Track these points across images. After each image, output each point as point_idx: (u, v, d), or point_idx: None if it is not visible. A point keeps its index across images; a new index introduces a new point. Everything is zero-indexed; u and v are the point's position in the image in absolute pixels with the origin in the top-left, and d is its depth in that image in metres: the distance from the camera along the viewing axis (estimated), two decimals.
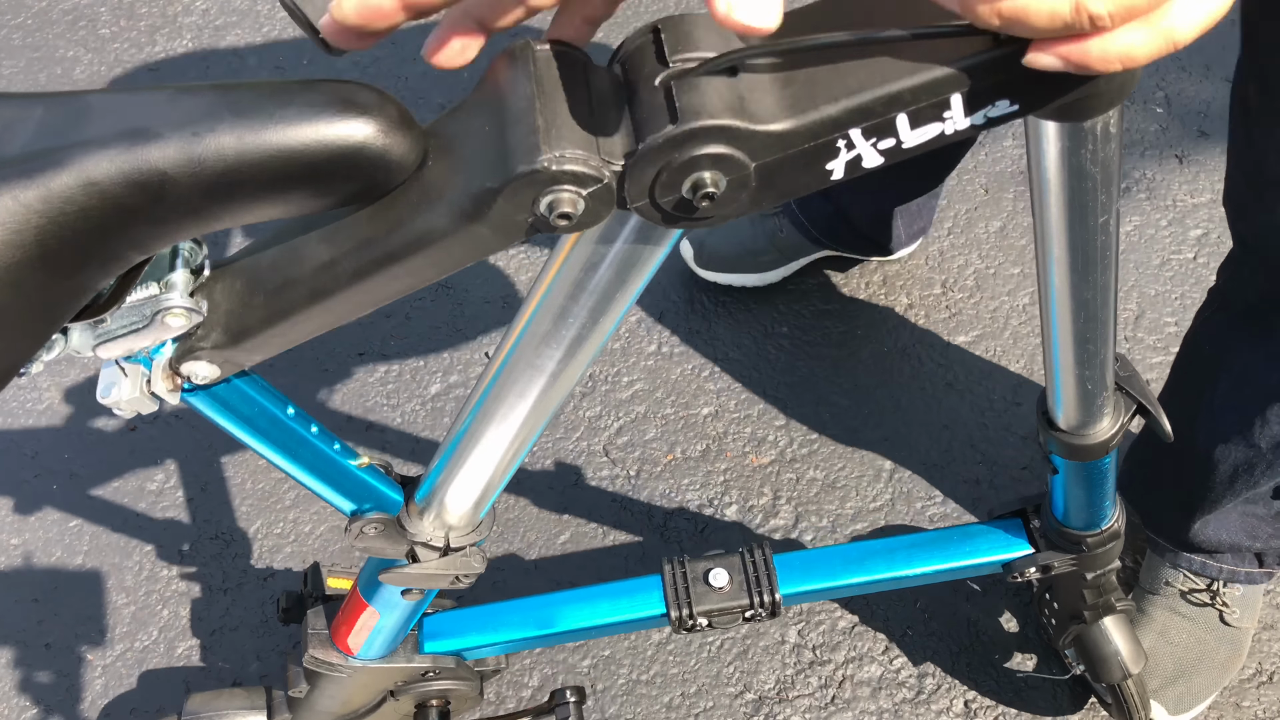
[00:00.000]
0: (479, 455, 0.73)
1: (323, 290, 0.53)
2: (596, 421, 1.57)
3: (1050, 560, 1.01)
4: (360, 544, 0.80)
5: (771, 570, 1.00)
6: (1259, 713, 1.30)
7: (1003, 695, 1.32)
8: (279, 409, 0.69)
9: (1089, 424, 0.84)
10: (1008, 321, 1.62)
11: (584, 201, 0.47)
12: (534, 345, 0.63)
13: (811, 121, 0.45)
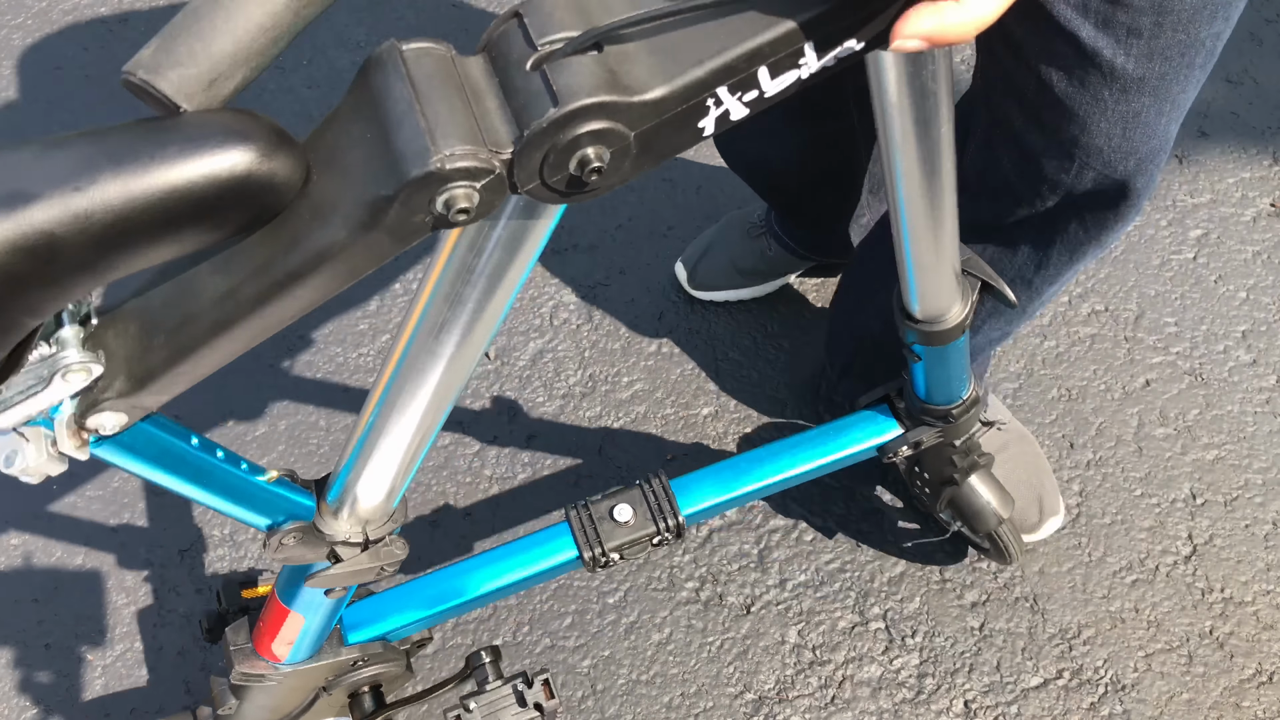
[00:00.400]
0: (387, 447, 0.73)
1: (226, 320, 0.52)
2: (596, 421, 1.57)
3: (920, 436, 1.10)
4: (280, 555, 0.79)
5: (671, 495, 1.05)
6: (1259, 713, 1.30)
7: (1003, 695, 1.32)
8: (184, 442, 0.69)
9: (943, 312, 0.92)
10: None
11: (478, 194, 0.47)
12: (430, 333, 0.63)
13: (683, 85, 0.47)
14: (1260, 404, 1.53)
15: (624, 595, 1.42)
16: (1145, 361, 1.58)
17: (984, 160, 1.01)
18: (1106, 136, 0.90)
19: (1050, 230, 1.03)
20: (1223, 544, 1.42)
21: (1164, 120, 0.90)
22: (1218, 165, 1.77)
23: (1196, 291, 1.64)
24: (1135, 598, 1.38)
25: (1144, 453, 1.49)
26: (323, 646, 1.00)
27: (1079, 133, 0.90)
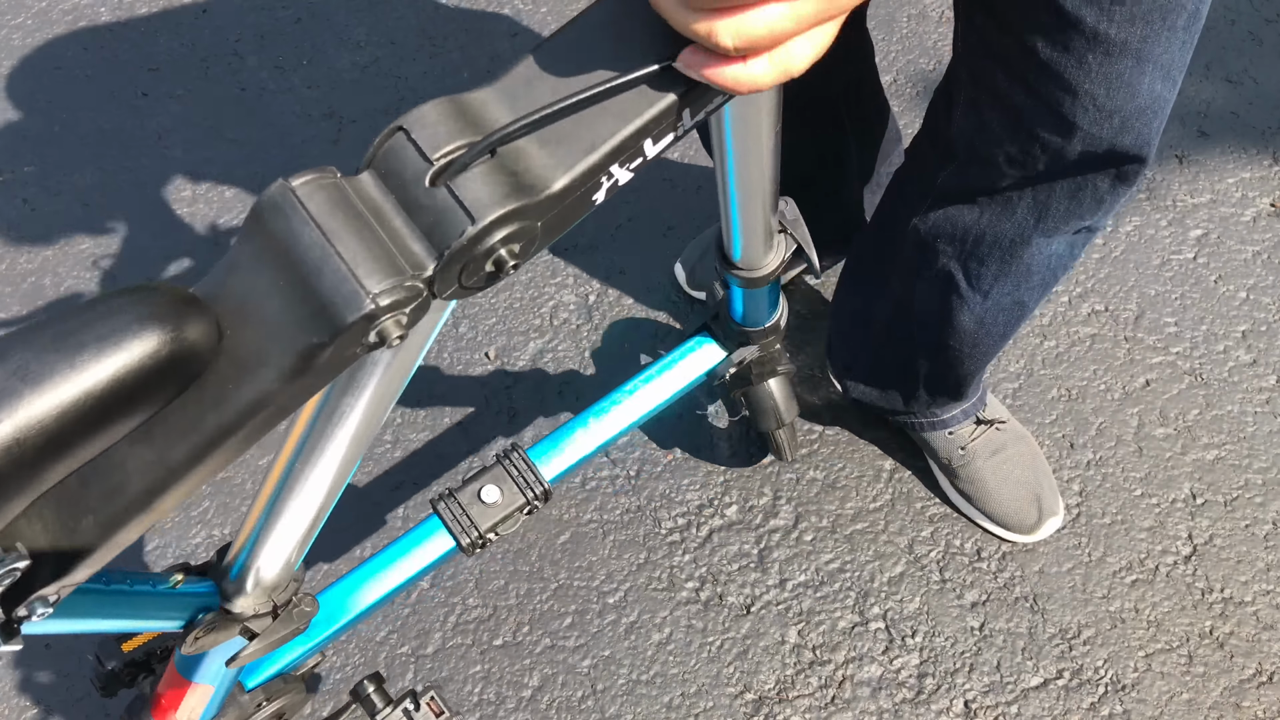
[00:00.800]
0: (288, 522, 0.73)
1: (158, 486, 0.52)
2: None
3: (743, 355, 1.21)
4: (196, 648, 0.78)
5: (532, 464, 1.07)
6: (1259, 713, 1.30)
7: (1003, 695, 1.32)
8: (101, 585, 0.67)
9: (758, 261, 1.00)
10: None
11: (408, 317, 0.48)
12: (329, 418, 0.63)
13: (581, 172, 0.49)
14: (1260, 404, 1.53)
15: (624, 595, 1.42)
16: (1145, 361, 1.58)
17: (973, 125, 1.03)
18: (1091, 97, 0.92)
19: (1046, 193, 1.04)
20: (1223, 544, 1.42)
21: (1147, 80, 0.92)
22: (1218, 165, 1.77)
23: (1196, 291, 1.64)
24: (1135, 598, 1.38)
25: (1144, 453, 1.49)
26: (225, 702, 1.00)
27: (1064, 94, 0.93)
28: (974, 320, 1.19)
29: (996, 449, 1.42)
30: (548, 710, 1.35)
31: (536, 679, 1.37)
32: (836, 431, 1.53)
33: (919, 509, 1.46)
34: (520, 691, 1.36)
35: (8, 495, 0.47)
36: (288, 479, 0.69)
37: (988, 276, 1.14)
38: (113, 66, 2.02)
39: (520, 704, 1.35)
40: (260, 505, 0.72)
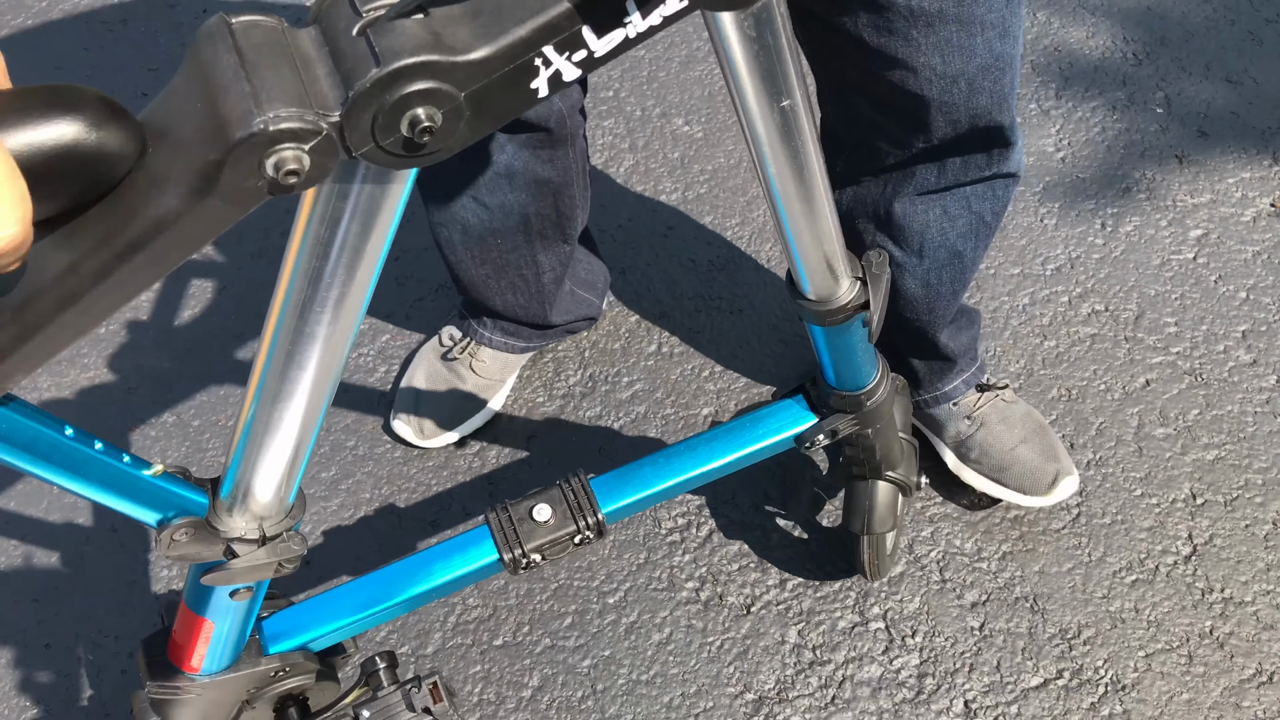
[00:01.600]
0: (272, 437, 0.73)
1: (70, 295, 0.52)
2: (596, 421, 1.57)
3: (835, 424, 1.09)
4: (174, 553, 0.78)
5: (590, 493, 1.04)
6: (1259, 713, 1.30)
7: (1003, 695, 1.32)
8: (55, 431, 0.67)
9: (829, 292, 0.92)
10: (1008, 321, 1.62)
11: (308, 156, 0.48)
12: (297, 313, 0.63)
13: (506, 45, 0.48)
14: (1260, 404, 1.53)
15: (624, 595, 1.42)
16: (1145, 361, 1.57)
17: (844, 116, 1.08)
18: (930, 69, 0.96)
19: (937, 160, 1.08)
20: (1223, 544, 1.42)
21: (979, 39, 0.95)
22: (1218, 165, 1.77)
23: (1196, 291, 1.64)
24: (1135, 598, 1.38)
25: (1144, 453, 1.49)
26: (241, 656, 0.99)
27: (906, 73, 0.96)
28: (919, 284, 1.23)
29: (1003, 415, 1.42)
30: (548, 710, 1.35)
31: (536, 679, 1.37)
32: None
33: (919, 509, 1.46)
34: (520, 691, 1.36)
35: None
36: (264, 386, 0.69)
37: (914, 240, 1.17)
38: (113, 66, 2.02)
39: (520, 704, 1.35)
40: (243, 416, 0.72)
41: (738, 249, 1.73)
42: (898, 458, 1.20)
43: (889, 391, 1.10)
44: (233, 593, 0.87)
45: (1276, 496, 1.45)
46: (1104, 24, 1.98)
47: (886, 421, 1.13)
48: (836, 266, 0.90)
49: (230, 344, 1.68)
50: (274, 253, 1.77)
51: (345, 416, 1.59)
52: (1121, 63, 1.92)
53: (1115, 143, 1.82)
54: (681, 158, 1.85)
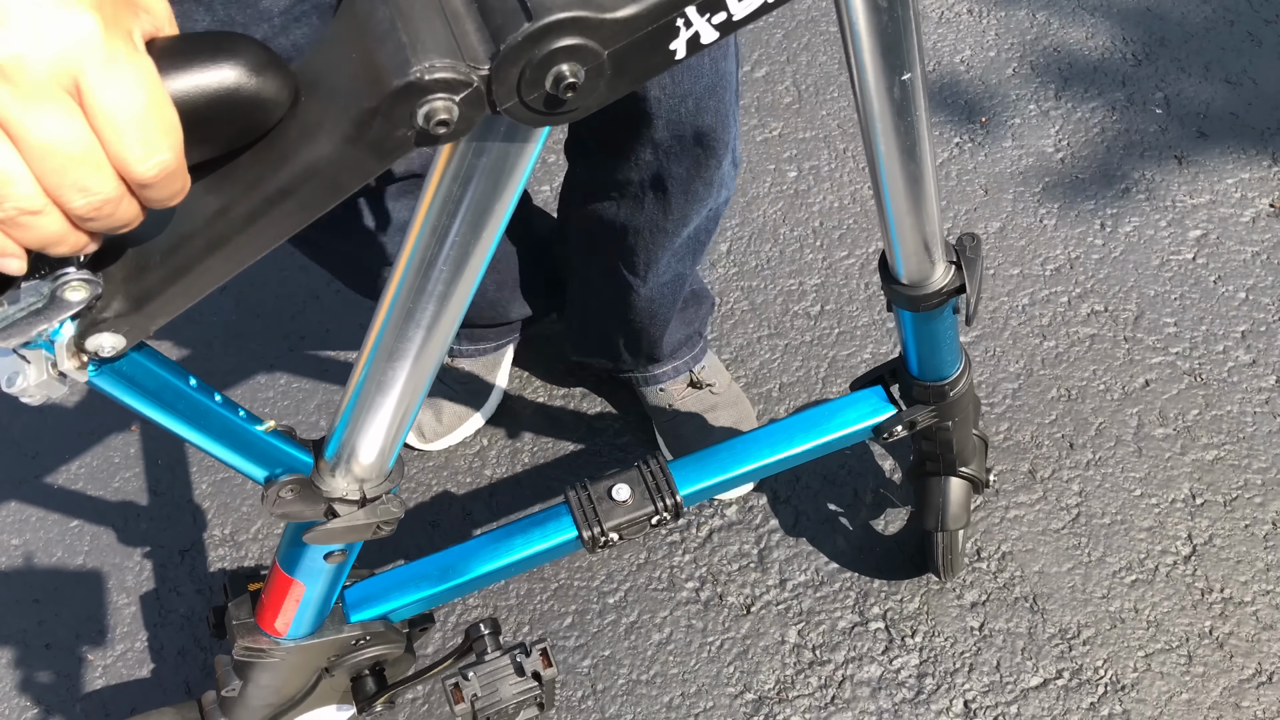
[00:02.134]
0: (383, 397, 0.74)
1: (220, 238, 0.54)
2: (596, 422, 1.57)
3: (914, 415, 1.09)
4: (278, 510, 0.79)
5: (668, 475, 1.05)
6: (1258, 713, 1.30)
7: (1003, 695, 1.32)
8: (181, 381, 0.69)
9: (924, 276, 0.91)
10: (1007, 321, 1.62)
11: (458, 108, 0.49)
12: (421, 270, 0.64)
13: (652, 4, 0.49)
14: (1260, 404, 1.53)
15: (624, 595, 1.42)
16: (1145, 362, 1.58)
17: (583, 128, 1.13)
18: (661, 86, 1.00)
19: (662, 187, 1.13)
20: (1222, 544, 1.42)
21: (705, 59, 1.00)
22: (1217, 165, 1.77)
23: (1196, 292, 1.64)
24: (1135, 598, 1.38)
25: (1144, 453, 1.49)
26: (324, 624, 1.00)
27: (639, 93, 1.01)
28: (644, 299, 1.29)
29: (704, 409, 1.49)
30: None
31: None
32: None
33: None
34: None
35: None
36: (380, 344, 0.70)
37: (641, 264, 1.23)
38: None
39: None
40: (355, 377, 0.73)
41: (738, 249, 1.73)
42: (970, 453, 1.20)
43: (969, 384, 1.09)
44: (327, 555, 0.88)
45: (1276, 496, 1.45)
46: (1104, 24, 1.98)
47: (964, 415, 1.13)
48: (934, 250, 0.89)
49: (231, 344, 1.68)
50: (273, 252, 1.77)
51: None
52: (1121, 63, 1.92)
53: (1115, 143, 1.82)
54: None
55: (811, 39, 2.00)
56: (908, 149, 0.77)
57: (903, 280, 0.93)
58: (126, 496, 1.54)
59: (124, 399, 0.66)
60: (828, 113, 1.89)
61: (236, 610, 0.99)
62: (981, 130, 1.85)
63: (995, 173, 1.79)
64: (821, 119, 1.88)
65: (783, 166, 1.82)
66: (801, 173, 1.81)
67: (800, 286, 1.68)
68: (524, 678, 1.00)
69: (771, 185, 1.80)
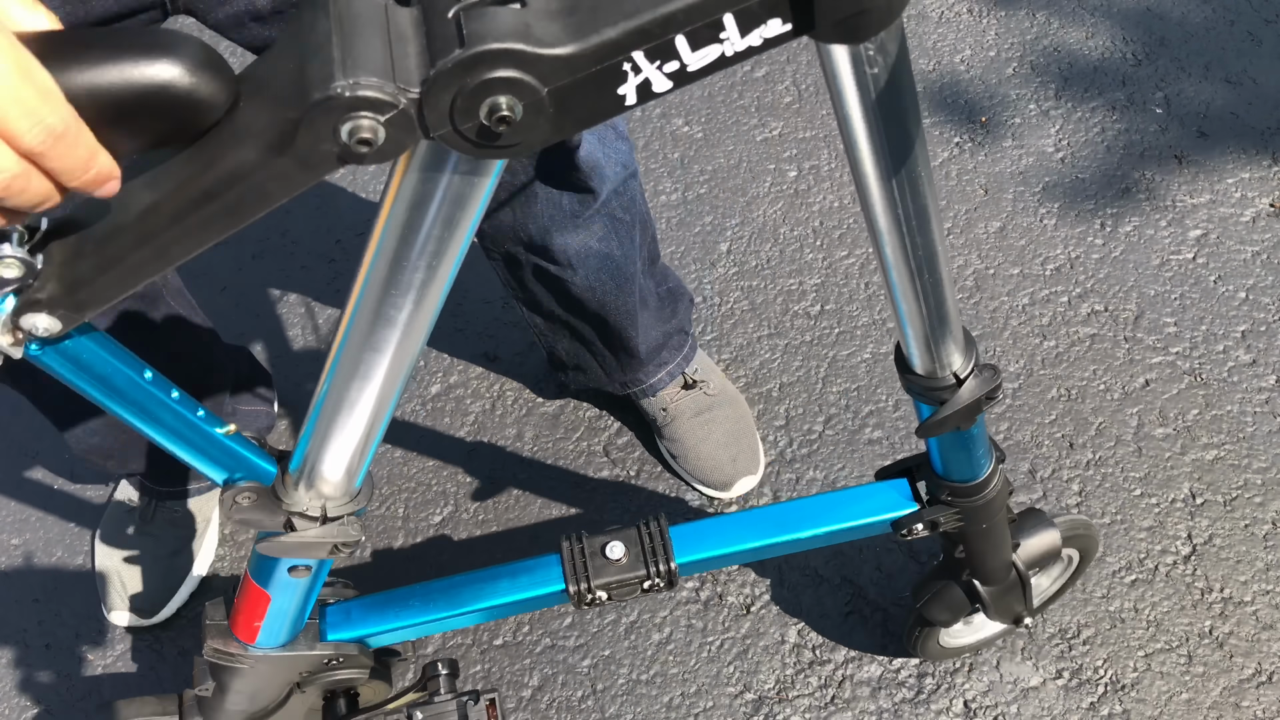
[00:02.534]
0: (344, 417, 0.73)
1: (148, 234, 0.55)
2: (596, 422, 1.57)
3: (936, 515, 1.01)
4: (236, 515, 0.79)
5: (667, 541, 1.02)
6: (1258, 713, 1.30)
7: (1003, 695, 1.32)
8: (135, 372, 0.69)
9: (931, 365, 0.83)
10: (1007, 321, 1.62)
11: (383, 129, 0.49)
12: (378, 296, 0.64)
13: (594, 45, 0.48)
14: (1260, 404, 1.53)
15: None
16: (1145, 361, 1.58)
17: None
18: None
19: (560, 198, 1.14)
20: (1222, 544, 1.42)
21: None
22: (1217, 165, 1.77)
23: (1196, 291, 1.64)
24: (1135, 598, 1.38)
25: (1144, 453, 1.49)
26: (297, 638, 1.00)
27: None
28: (582, 289, 1.26)
29: (700, 410, 1.48)
30: (548, 710, 1.35)
31: (536, 679, 1.37)
32: (836, 432, 1.53)
33: None
34: (520, 691, 1.36)
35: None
36: (339, 365, 0.69)
37: (561, 255, 1.21)
38: None
39: (520, 704, 1.35)
40: (317, 392, 0.73)
41: (738, 249, 1.73)
42: (994, 574, 1.08)
43: (1001, 488, 0.99)
44: (291, 568, 0.87)
45: (1276, 496, 1.45)
46: (1104, 24, 1.98)
47: (993, 525, 1.03)
48: (951, 347, 0.82)
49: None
50: (274, 253, 1.77)
51: None
52: (1121, 63, 1.92)
53: (1115, 143, 1.82)
54: (681, 158, 1.85)
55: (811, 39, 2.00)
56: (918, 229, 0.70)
57: (917, 371, 0.84)
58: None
59: (67, 377, 0.67)
60: (828, 112, 1.89)
61: (212, 611, 0.99)
62: (981, 130, 1.85)
63: (995, 172, 1.79)
64: (821, 119, 1.88)
65: (783, 166, 1.82)
66: (801, 172, 1.81)
67: (800, 286, 1.68)
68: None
69: (771, 185, 1.80)
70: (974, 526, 1.02)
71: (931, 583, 1.14)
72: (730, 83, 1.95)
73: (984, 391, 0.84)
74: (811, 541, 1.05)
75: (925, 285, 0.74)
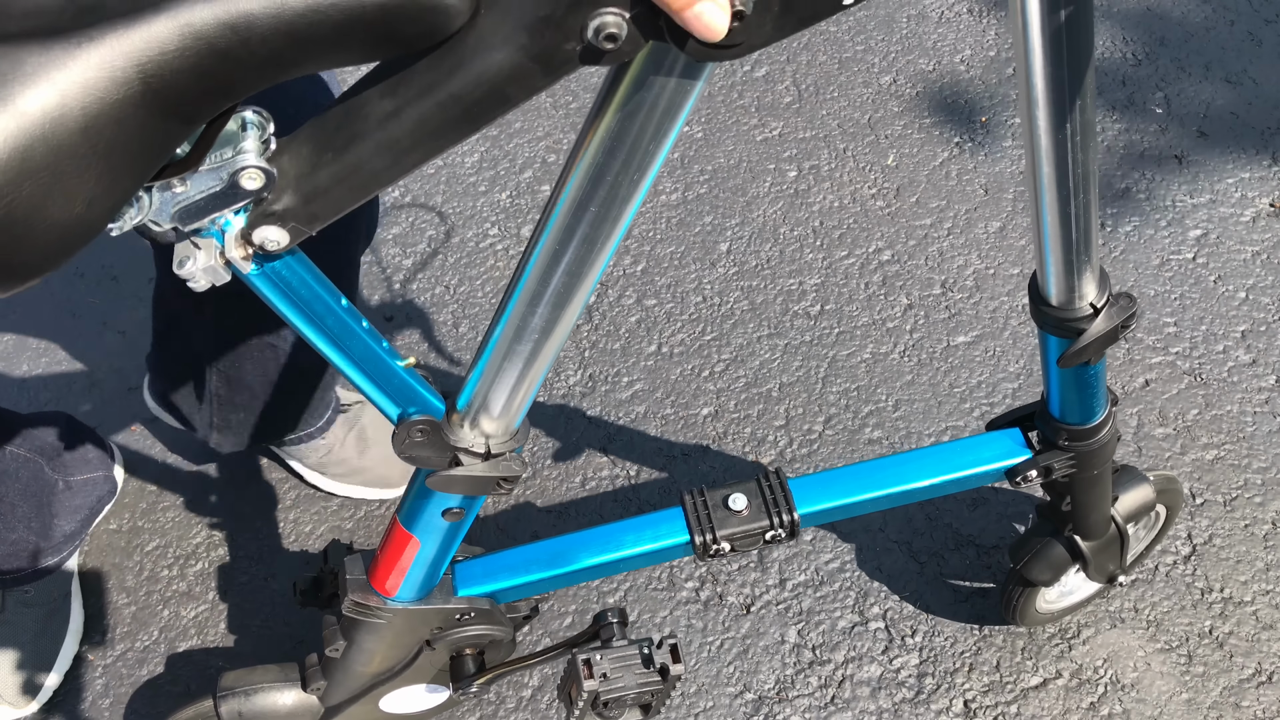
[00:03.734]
0: (517, 348, 0.76)
1: (389, 141, 0.57)
2: (596, 421, 1.57)
3: (1050, 460, 1.03)
4: (406, 451, 0.81)
5: (788, 492, 1.03)
6: (1258, 712, 1.30)
7: (1003, 695, 1.32)
8: (333, 299, 0.72)
9: (1066, 296, 0.85)
10: (1007, 321, 1.62)
11: (628, 25, 0.51)
12: (572, 210, 0.65)
13: None
14: (1260, 404, 1.53)
15: (624, 595, 1.42)
16: (1145, 361, 1.58)
17: None
18: None
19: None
20: (1222, 544, 1.42)
21: None
22: (1217, 165, 1.77)
23: (1196, 291, 1.64)
24: (1135, 597, 1.38)
25: (1144, 453, 1.49)
26: (433, 592, 1.01)
27: None
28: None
29: (352, 424, 1.47)
30: (548, 710, 1.35)
31: (536, 679, 1.37)
32: (836, 432, 1.53)
33: (918, 507, 1.46)
34: (520, 691, 1.36)
35: (260, 51, 0.52)
36: (522, 288, 0.71)
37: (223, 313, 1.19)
38: None
39: (520, 704, 1.35)
40: (492, 327, 0.75)
41: (738, 249, 1.73)
42: (1096, 527, 1.11)
43: (1113, 433, 1.02)
44: (446, 511, 0.89)
45: (1276, 496, 1.45)
46: (1104, 24, 1.98)
47: (1100, 473, 1.05)
48: (1089, 274, 0.84)
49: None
50: None
51: None
52: (1121, 63, 1.92)
53: (1115, 143, 1.82)
54: (681, 158, 1.85)
55: (811, 39, 2.00)
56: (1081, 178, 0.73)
57: (1050, 301, 0.87)
58: (127, 496, 1.54)
59: (276, 303, 0.69)
60: (828, 112, 1.89)
61: (352, 566, 1.00)
62: (982, 130, 1.85)
63: (995, 172, 1.79)
64: (821, 119, 1.88)
65: (783, 166, 1.82)
66: (801, 172, 1.82)
67: (800, 286, 1.68)
68: (649, 669, 0.98)
69: (771, 185, 1.80)
70: (1085, 473, 1.04)
71: (1031, 542, 1.16)
72: (730, 83, 1.95)
73: (1120, 320, 0.85)
74: (928, 491, 1.06)
75: (1079, 206, 0.76)
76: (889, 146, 1.85)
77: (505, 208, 1.80)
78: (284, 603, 1.43)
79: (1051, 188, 0.75)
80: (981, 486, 1.07)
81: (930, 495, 1.07)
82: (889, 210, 1.77)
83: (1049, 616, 1.33)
